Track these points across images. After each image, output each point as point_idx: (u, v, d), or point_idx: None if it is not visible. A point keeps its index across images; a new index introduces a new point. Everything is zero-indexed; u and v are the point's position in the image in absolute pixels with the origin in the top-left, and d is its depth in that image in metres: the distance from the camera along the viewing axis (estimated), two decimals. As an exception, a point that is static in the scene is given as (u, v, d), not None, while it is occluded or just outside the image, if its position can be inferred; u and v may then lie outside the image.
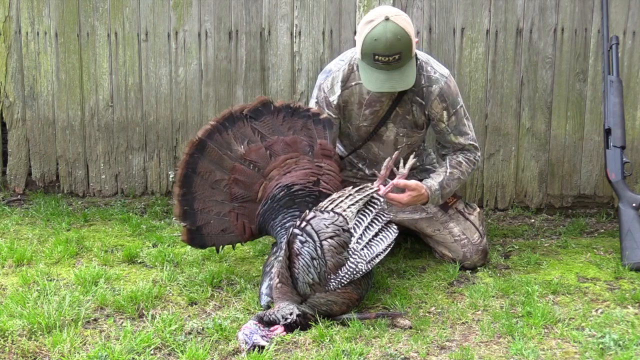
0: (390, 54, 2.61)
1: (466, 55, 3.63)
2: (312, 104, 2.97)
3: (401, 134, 2.96)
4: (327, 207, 2.56)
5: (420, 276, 2.88)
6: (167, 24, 3.78)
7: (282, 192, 2.68)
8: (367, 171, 3.11)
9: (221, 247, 2.82)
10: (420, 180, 2.84)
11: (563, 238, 3.36)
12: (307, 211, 2.54)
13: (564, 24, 3.57)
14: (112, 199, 3.96)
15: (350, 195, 2.62)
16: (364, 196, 2.64)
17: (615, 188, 3.17)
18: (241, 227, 2.74)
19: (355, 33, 3.63)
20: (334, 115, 2.91)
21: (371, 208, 2.65)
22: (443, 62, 3.20)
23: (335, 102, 2.90)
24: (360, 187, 2.69)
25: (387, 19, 2.60)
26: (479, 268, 2.96)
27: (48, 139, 3.96)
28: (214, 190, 2.74)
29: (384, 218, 2.63)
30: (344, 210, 2.55)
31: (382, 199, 2.68)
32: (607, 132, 3.21)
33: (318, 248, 2.40)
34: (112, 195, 3.98)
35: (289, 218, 2.63)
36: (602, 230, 3.51)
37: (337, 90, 2.89)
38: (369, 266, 2.44)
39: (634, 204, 3.07)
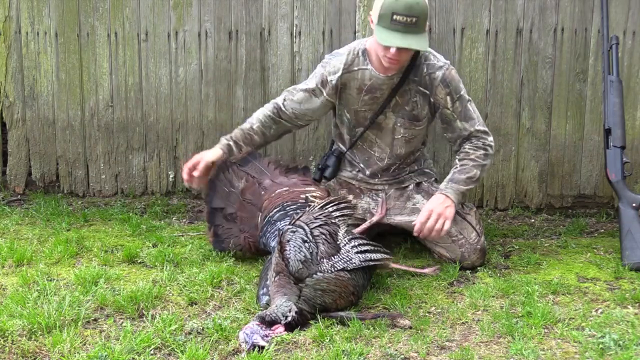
0: (409, 14, 2.65)
1: (466, 55, 3.63)
2: (309, 79, 3.06)
3: (399, 124, 3.01)
4: (313, 208, 2.78)
5: (420, 276, 2.88)
6: (167, 24, 3.78)
7: (276, 209, 2.94)
8: (367, 172, 3.12)
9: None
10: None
11: (563, 238, 3.36)
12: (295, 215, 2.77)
13: (564, 24, 3.57)
14: (112, 199, 3.96)
15: (331, 202, 2.81)
16: (345, 213, 2.82)
17: (615, 188, 3.17)
18: (248, 247, 3.05)
19: (355, 33, 3.64)
20: (325, 95, 3.00)
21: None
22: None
23: (333, 82, 2.98)
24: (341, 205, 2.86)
25: None
26: (479, 268, 2.96)
27: (48, 139, 3.96)
28: (229, 222, 3.10)
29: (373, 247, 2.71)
30: (330, 212, 2.74)
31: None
32: (607, 132, 3.21)
33: (309, 234, 2.53)
34: (112, 195, 3.98)
35: (281, 226, 2.83)
36: (602, 230, 3.51)
37: (338, 72, 2.96)
38: (362, 260, 2.52)
39: (634, 204, 3.07)
